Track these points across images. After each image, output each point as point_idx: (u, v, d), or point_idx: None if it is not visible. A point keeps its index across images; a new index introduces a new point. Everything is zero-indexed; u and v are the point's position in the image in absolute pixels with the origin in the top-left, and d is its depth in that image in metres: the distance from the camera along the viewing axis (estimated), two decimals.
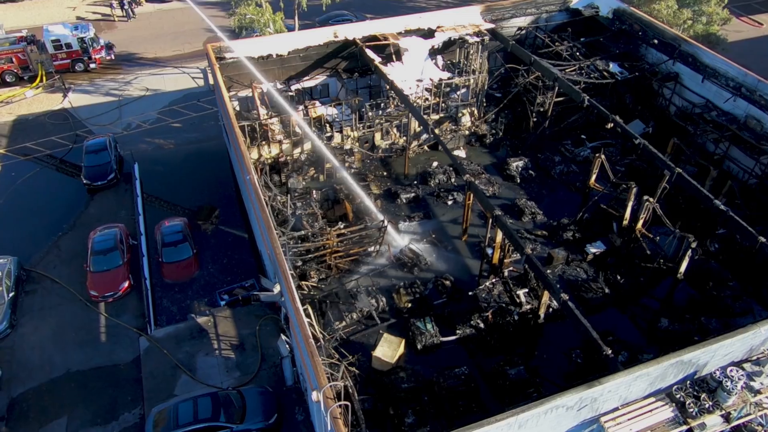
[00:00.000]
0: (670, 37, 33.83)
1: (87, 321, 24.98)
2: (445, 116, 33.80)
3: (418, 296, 24.90)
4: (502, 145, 34.61)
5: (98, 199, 31.66)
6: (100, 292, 25.57)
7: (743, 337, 17.39)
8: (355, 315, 24.09)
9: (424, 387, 21.60)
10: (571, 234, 27.92)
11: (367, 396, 21.28)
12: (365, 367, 22.53)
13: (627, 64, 34.84)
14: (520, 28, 37.83)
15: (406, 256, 26.78)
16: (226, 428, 20.15)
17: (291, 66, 34.57)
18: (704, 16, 36.75)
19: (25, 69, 41.37)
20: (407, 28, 35.59)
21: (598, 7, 38.61)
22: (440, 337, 23.29)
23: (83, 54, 41.97)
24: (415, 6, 53.60)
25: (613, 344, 22.70)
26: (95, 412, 21.68)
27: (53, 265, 27.60)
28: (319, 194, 29.90)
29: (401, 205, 30.24)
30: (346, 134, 31.98)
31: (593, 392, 15.93)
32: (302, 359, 18.89)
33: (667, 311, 24.54)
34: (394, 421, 20.68)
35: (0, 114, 38.06)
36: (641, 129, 34.12)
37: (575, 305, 24.47)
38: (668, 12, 36.42)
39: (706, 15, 36.77)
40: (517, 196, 30.69)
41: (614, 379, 16.07)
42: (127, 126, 37.02)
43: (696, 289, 25.64)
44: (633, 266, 26.17)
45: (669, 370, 16.92)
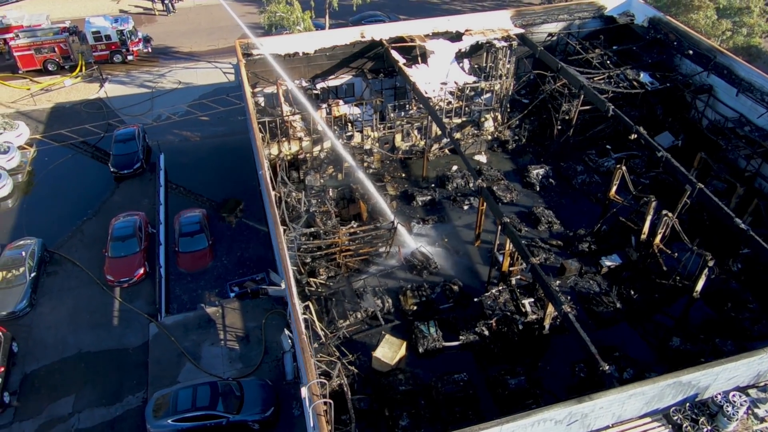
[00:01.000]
0: (706, 48, 32.80)
1: (102, 304, 25.76)
2: (467, 120, 33.54)
3: (424, 299, 24.80)
4: (524, 152, 34.17)
5: (123, 187, 32.61)
6: (115, 277, 26.34)
7: (749, 362, 16.74)
8: (359, 314, 24.16)
9: (422, 391, 21.53)
10: (587, 245, 27.36)
11: (364, 396, 21.36)
12: (365, 367, 22.61)
13: (659, 75, 33.92)
14: (550, 33, 37.26)
15: (416, 259, 26.70)
16: (223, 418, 20.49)
17: (317, 64, 34.92)
18: (745, 27, 35.42)
19: (66, 59, 42.90)
20: (435, 30, 35.50)
21: (633, 15, 37.74)
22: (443, 341, 23.16)
23: (121, 46, 43.29)
24: (450, 9, 53.37)
25: (619, 360, 22.34)
26: (101, 393, 22.35)
27: (75, 249, 28.56)
28: (336, 192, 30.11)
29: (417, 208, 30.17)
30: (366, 134, 32.07)
31: (583, 407, 15.59)
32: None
33: (681, 330, 23.79)
34: (388, 422, 20.66)
35: (39, 101, 39.56)
36: (670, 142, 33.20)
37: (584, 318, 24.51)
38: (706, 22, 35.28)
39: (747, 26, 35.44)
40: (535, 204, 30.23)
41: (606, 396, 15.70)
42: (158, 117, 38.00)
43: (714, 309, 24.81)
44: (648, 282, 25.47)
45: (666, 391, 16.42)
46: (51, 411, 21.80)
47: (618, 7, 37.95)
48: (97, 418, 21.56)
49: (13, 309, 25.02)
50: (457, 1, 55.27)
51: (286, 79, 30.64)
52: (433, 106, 31.68)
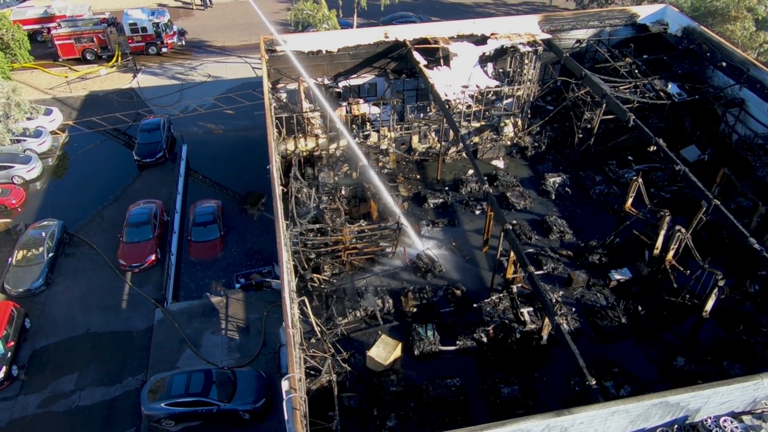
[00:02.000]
0: (739, 61, 31.65)
1: (113, 287, 26.57)
2: (486, 125, 33.24)
3: (425, 302, 24.69)
4: (543, 159, 33.64)
5: (145, 175, 33.54)
6: (127, 262, 27.12)
7: (743, 387, 16.10)
8: (358, 313, 24.24)
9: (413, 393, 21.44)
10: (598, 257, 26.76)
11: (354, 394, 21.42)
12: (360, 366, 22.69)
13: (688, 86, 32.87)
14: (578, 40, 36.58)
15: (421, 261, 26.61)
16: (214, 405, 20.86)
17: (340, 63, 35.17)
18: None
19: (104, 49, 44.38)
20: (460, 33, 35.31)
21: (667, 24, 36.72)
22: (440, 345, 23.04)
23: (156, 38, 44.52)
24: (483, 12, 52.93)
25: (617, 377, 21.80)
26: (103, 373, 23.07)
27: (94, 232, 29.53)
28: (348, 191, 30.26)
29: (428, 210, 30.06)
30: (382, 134, 32.13)
31: (562, 421, 15.28)
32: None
33: (687, 350, 23.03)
34: (376, 422, 20.66)
35: (75, 88, 41.03)
36: (696, 155, 32.21)
37: (587, 331, 23.99)
38: (743, 34, 33.98)
39: None
40: (548, 212, 29.74)
41: (587, 411, 15.34)
42: (185, 109, 38.94)
43: (725, 330, 23.95)
44: (658, 299, 24.76)
45: (652, 411, 15.93)
46: (55, 387, 22.61)
47: (651, 16, 36.99)
48: (97, 397, 22.26)
49: (29, 287, 26.06)
50: (490, 5, 54.79)
51: (305, 77, 30.95)
52: (449, 109, 31.58)
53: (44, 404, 22.03)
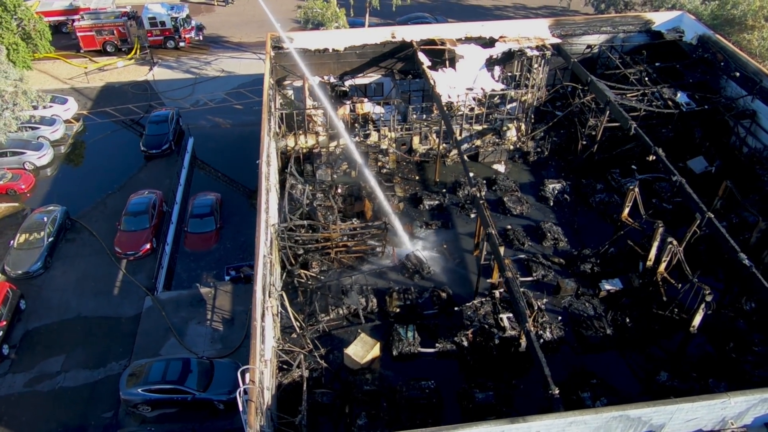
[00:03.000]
0: (752, 71, 30.76)
1: (107, 274, 27.21)
2: (488, 128, 32.98)
3: (408, 303, 24.64)
4: (546, 165, 33.20)
5: (151, 166, 34.25)
6: (123, 250, 27.75)
7: (709, 404, 15.67)
8: (341, 310, 24.32)
9: (387, 393, 21.42)
10: (590, 266, 26.31)
11: (328, 390, 21.50)
12: (338, 363, 22.77)
13: (698, 96, 32.06)
14: (589, 45, 36.03)
15: (410, 262, 26.57)
16: (189, 393, 21.20)
17: (347, 62, 35.35)
18: None
19: (124, 41, 45.46)
20: (468, 35, 35.12)
21: (683, 32, 35.88)
22: (419, 347, 22.97)
23: (174, 32, 45.39)
24: (502, 14, 52.49)
25: (595, 388, 21.42)
26: (89, 357, 23.64)
27: (95, 219, 30.29)
28: (345, 189, 30.39)
29: (423, 211, 29.97)
30: (383, 134, 32.16)
31: (517, 428, 15.10)
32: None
33: (673, 365, 22.48)
34: (346, 420, 20.72)
35: (93, 79, 42.14)
36: (703, 167, 31.40)
37: (571, 340, 23.61)
38: (761, 44, 32.96)
39: None
40: (545, 219, 29.35)
41: (542, 420, 15.14)
42: (195, 102, 39.62)
43: (715, 347, 23.31)
44: (647, 311, 24.22)
45: (613, 424, 15.61)
46: (42, 367, 23.27)
47: (667, 23, 36.19)
48: (81, 379, 22.83)
49: (28, 269, 26.87)
50: (509, 7, 54.30)
51: (307, 74, 31.18)
52: (448, 111, 31.48)
53: (30, 383, 22.70)
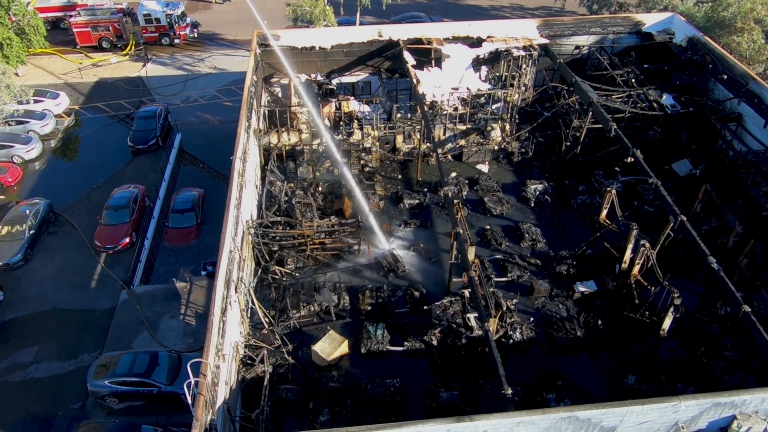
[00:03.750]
0: (739, 74, 30.47)
1: (86, 267, 27.47)
2: (472, 128, 32.89)
3: (380, 301, 24.65)
4: (530, 165, 33.04)
5: (137, 161, 34.51)
6: (102, 243, 28.00)
7: (660, 407, 15.53)
8: (313, 307, 24.36)
9: (351, 390, 21.46)
10: (566, 268, 26.18)
11: (293, 386, 21.56)
12: (307, 359, 22.82)
13: (684, 98, 31.78)
14: (577, 46, 35.85)
15: (385, 260, 26.57)
16: (155, 386, 21.36)
17: (334, 60, 35.46)
18: None
19: (120, 38, 45.85)
20: (455, 34, 35.11)
21: (673, 34, 35.61)
22: (387, 345, 22.98)
23: (169, 29, 45.70)
24: (499, 15, 52.33)
25: (560, 389, 21.32)
26: (62, 348, 23.89)
27: (78, 213, 30.58)
28: (325, 186, 30.46)
29: (403, 210, 29.95)
30: (366, 132, 32.17)
31: (463, 427, 15.07)
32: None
33: (642, 369, 22.31)
34: (309, 416, 20.77)
35: (87, 75, 42.53)
36: (687, 170, 31.12)
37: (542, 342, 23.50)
38: (750, 46, 32.58)
39: None
40: (525, 219, 29.22)
41: (489, 419, 15.09)
42: (186, 99, 39.88)
43: (688, 351, 23.11)
44: (620, 314, 24.05)
45: (562, 425, 15.52)
46: (15, 358, 23.55)
47: (658, 24, 35.93)
48: (52, 371, 23.08)
49: (7, 261, 27.20)
50: (506, 8, 54.11)
51: (290, 72, 31.29)
52: (431, 110, 31.50)
53: (1, 374, 22.97)
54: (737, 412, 16.08)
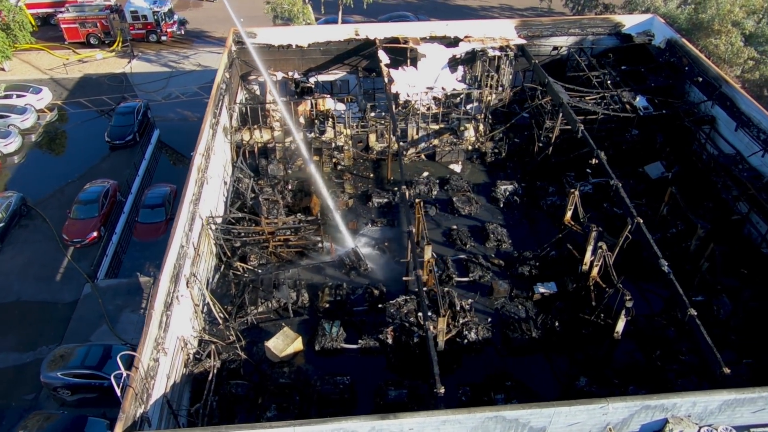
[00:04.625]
0: (713, 77, 30.21)
1: (53, 260, 27.72)
2: (445, 128, 32.86)
3: (339, 299, 24.69)
4: (503, 166, 32.93)
5: (114, 156, 34.77)
6: (70, 237, 28.25)
7: (588, 409, 15.46)
8: (271, 304, 24.44)
9: (301, 387, 21.51)
10: (528, 269, 26.09)
11: (244, 382, 21.63)
12: (261, 355, 22.89)
13: (658, 101, 31.58)
14: (555, 47, 35.68)
15: (348, 258, 26.61)
16: (106, 379, 21.48)
17: (311, 58, 35.57)
18: None
19: (107, 34, 46.23)
20: (433, 34, 35.12)
21: (653, 36, 35.37)
22: (342, 343, 23.02)
23: (156, 26, 45.99)
24: (488, 15, 52.19)
25: (509, 390, 21.25)
26: (21, 340, 24.12)
27: (51, 207, 30.87)
28: (295, 184, 30.55)
29: (372, 209, 29.97)
30: (339, 131, 32.22)
31: (388, 424, 15.07)
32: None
33: (596, 371, 22.19)
34: (257, 412, 20.84)
35: (72, 71, 42.91)
36: (659, 173, 30.88)
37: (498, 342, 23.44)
38: (728, 49, 32.27)
39: None
40: (492, 220, 29.15)
41: (414, 417, 15.10)
42: (168, 95, 40.12)
43: (645, 354, 22.96)
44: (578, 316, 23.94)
45: (489, 424, 15.48)
46: None
47: (638, 26, 35.71)
48: (10, 361, 23.30)
49: None
50: (495, 8, 53.95)
51: (262, 70, 31.40)
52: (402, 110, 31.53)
53: None
54: (669, 415, 15.97)
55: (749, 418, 16.29)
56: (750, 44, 33.23)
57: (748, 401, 15.83)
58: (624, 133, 32.15)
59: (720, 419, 16.34)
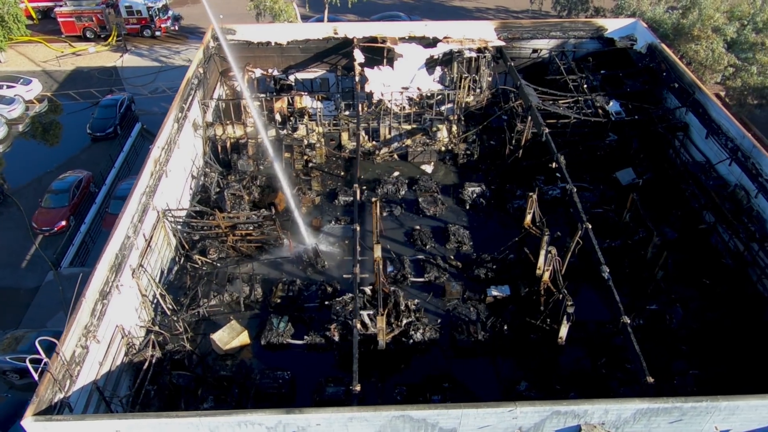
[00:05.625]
0: (687, 83, 29.76)
1: (21, 247, 28.42)
2: (417, 128, 32.83)
3: (291, 295, 24.87)
4: (475, 168, 32.78)
5: (94, 148, 35.49)
6: (39, 225, 28.93)
7: (497, 412, 15.41)
8: (224, 297, 24.71)
9: (242, 380, 21.73)
10: (485, 272, 25.98)
11: (186, 373, 21.90)
12: (208, 347, 23.18)
13: (631, 105, 31.19)
14: (535, 50, 35.44)
15: (305, 255, 26.79)
16: None
17: (291, 56, 35.84)
18: (755, 65, 31.41)
19: (103, 28, 47.17)
20: (411, 34, 35.11)
21: (635, 40, 34.93)
22: (288, 338, 23.20)
23: (150, 22, 46.73)
24: (483, 16, 51.96)
25: (445, 392, 21.22)
26: None
27: (27, 195, 31.63)
28: (264, 180, 30.81)
29: (338, 207, 30.11)
30: (311, 128, 32.40)
31: (294, 419, 15.21)
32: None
33: (540, 376, 22.05)
34: (195, 402, 21.10)
35: (66, 63, 43.83)
36: (630, 179, 30.46)
37: (446, 344, 23.40)
38: (708, 55, 31.71)
39: (758, 64, 31.40)
40: (457, 221, 29.07)
41: (320, 413, 15.21)
42: (155, 90, 40.75)
43: (592, 361, 22.75)
44: (529, 319, 23.80)
45: (397, 423, 15.51)
46: None
47: (621, 30, 35.29)
48: None
49: None
50: (491, 10, 53.70)
51: (234, 67, 31.72)
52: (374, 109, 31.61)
53: None
54: (582, 422, 15.83)
55: (666, 429, 16.07)
56: (733, 51, 32.59)
57: (663, 411, 15.62)
58: (599, 138, 31.84)
59: (636, 429, 16.15)
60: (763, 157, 24.21)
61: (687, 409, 15.55)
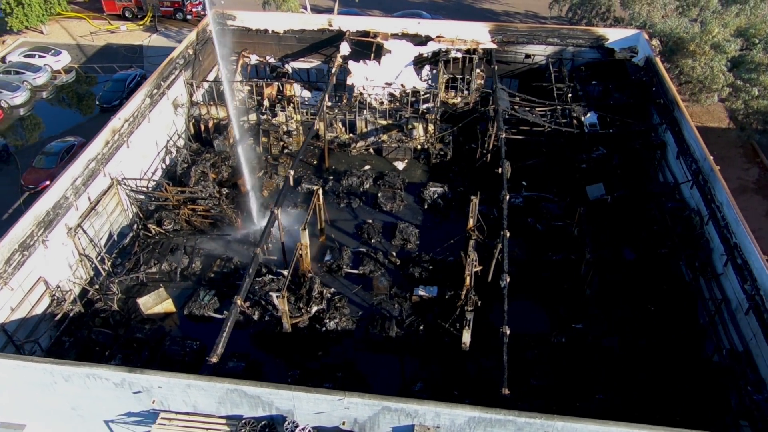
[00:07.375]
0: (670, 99, 28.25)
1: (10, 201, 30.92)
2: (393, 124, 32.91)
3: (225, 271, 25.82)
4: (447, 168, 32.49)
5: (100, 118, 37.70)
6: (26, 183, 31.40)
7: (326, 399, 15.58)
8: (164, 266, 25.99)
9: (153, 344, 22.83)
10: (419, 271, 25.89)
11: (106, 330, 23.24)
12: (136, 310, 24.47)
13: (611, 118, 29.91)
14: (528, 55, 34.61)
15: (252, 235, 27.65)
16: None
17: (287, 45, 36.86)
18: (758, 86, 29.23)
19: (140, 9, 50.03)
20: (404, 31, 35.28)
21: (637, 52, 33.44)
22: (211, 311, 24.14)
23: (182, 5, 49.16)
24: (508, 20, 50.93)
25: (339, 380, 21.44)
26: None
27: (29, 156, 34.22)
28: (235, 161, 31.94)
29: (300, 193, 30.78)
30: (289, 116, 33.19)
31: (137, 378, 16.03)
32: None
33: (443, 378, 21.87)
34: (104, 359, 22.40)
35: (99, 39, 46.88)
36: (598, 194, 29.31)
37: (361, 337, 23.60)
38: (705, 71, 29.83)
39: (760, 86, 29.21)
40: (410, 220, 29.04)
41: (159, 376, 15.95)
42: None
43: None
44: (445, 321, 23.57)
45: (234, 397, 15.99)
46: None
47: (624, 40, 33.93)
48: None
49: None
50: (520, 14, 52.51)
51: (217, 54, 32.94)
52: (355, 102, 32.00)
53: None
54: (417, 422, 15.70)
55: None
56: (739, 70, 30.48)
57: (497, 422, 15.26)
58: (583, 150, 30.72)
59: None
60: (717, 182, 22.75)
61: (521, 423, 15.11)
